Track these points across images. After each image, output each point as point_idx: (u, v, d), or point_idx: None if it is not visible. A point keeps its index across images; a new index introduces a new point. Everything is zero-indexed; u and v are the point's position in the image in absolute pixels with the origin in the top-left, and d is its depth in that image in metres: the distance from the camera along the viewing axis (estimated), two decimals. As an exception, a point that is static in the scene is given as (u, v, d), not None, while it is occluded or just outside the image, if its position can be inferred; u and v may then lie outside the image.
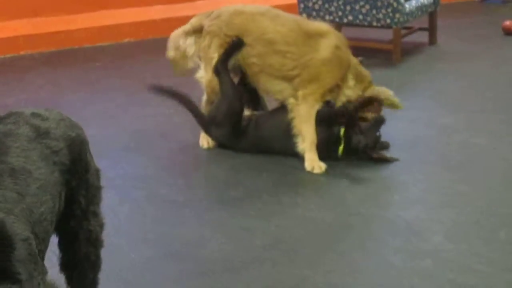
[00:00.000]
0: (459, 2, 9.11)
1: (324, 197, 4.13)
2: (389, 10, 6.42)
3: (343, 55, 4.58)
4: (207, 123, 4.76)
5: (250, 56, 4.63)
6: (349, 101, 4.58)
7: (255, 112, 4.75)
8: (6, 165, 2.15)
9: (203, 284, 3.25)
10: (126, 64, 6.87)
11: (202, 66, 4.81)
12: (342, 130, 4.48)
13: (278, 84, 4.62)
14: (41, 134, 2.32)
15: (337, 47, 4.56)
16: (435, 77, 6.23)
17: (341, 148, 4.48)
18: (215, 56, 4.67)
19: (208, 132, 4.78)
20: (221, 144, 4.76)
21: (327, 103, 4.59)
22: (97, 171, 2.55)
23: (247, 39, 4.62)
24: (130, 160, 4.64)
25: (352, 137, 4.44)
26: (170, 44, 4.91)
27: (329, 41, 4.56)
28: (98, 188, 2.55)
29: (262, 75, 4.64)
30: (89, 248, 2.49)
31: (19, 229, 2.04)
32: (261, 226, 3.77)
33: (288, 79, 4.58)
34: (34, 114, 2.39)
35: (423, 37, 7.25)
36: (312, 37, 4.57)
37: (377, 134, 4.52)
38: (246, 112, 4.71)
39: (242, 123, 4.66)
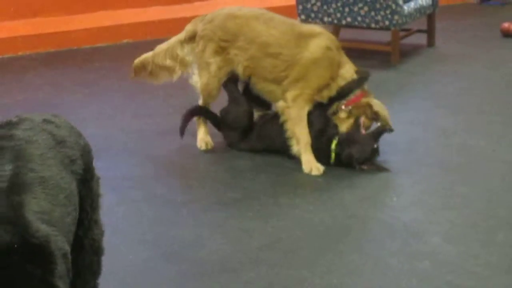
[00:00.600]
0: (457, 4, 9.11)
1: (322, 198, 4.13)
2: (388, 12, 6.43)
3: (333, 56, 4.55)
4: (218, 123, 4.84)
5: (243, 59, 4.63)
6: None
7: (267, 112, 4.79)
8: (35, 173, 2.09)
9: (200, 285, 3.25)
10: (125, 65, 6.82)
11: (197, 71, 4.81)
12: (334, 143, 4.47)
13: (269, 86, 4.64)
14: (59, 143, 2.27)
15: (327, 48, 4.54)
16: (433, 79, 6.23)
17: (332, 158, 4.47)
18: (211, 61, 4.68)
19: (220, 131, 4.85)
20: (229, 144, 4.81)
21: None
22: (98, 178, 2.52)
23: (240, 43, 4.63)
24: (128, 160, 4.64)
25: (344, 150, 4.43)
26: (165, 53, 4.91)
27: (320, 41, 4.55)
28: (99, 196, 2.52)
29: (255, 77, 4.65)
30: (93, 257, 2.47)
31: (60, 243, 2.01)
32: (259, 227, 3.77)
33: (279, 80, 4.58)
34: (46, 121, 2.33)
35: (422, 39, 7.25)
36: (304, 37, 4.57)
37: (375, 146, 4.43)
38: (256, 114, 4.76)
39: (251, 126, 4.73)
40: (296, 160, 4.50)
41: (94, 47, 7.45)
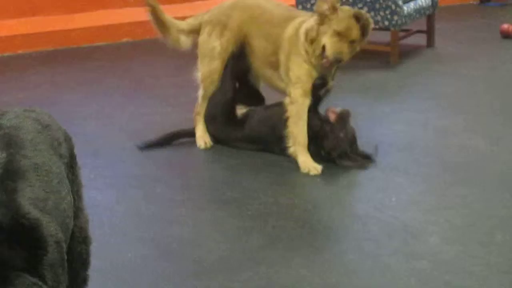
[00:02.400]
0: (457, 5, 9.12)
1: (321, 198, 4.13)
2: (387, 12, 6.43)
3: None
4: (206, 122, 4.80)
5: (247, 36, 4.66)
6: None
7: (253, 108, 4.76)
8: (29, 160, 2.09)
9: (199, 284, 3.25)
10: (124, 64, 6.87)
11: (199, 60, 4.78)
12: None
13: (266, 71, 4.66)
14: (45, 127, 2.28)
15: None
16: (433, 80, 6.24)
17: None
18: (216, 44, 4.68)
19: (207, 129, 4.81)
20: (218, 141, 4.78)
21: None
22: (80, 167, 2.53)
23: (245, 17, 4.65)
24: (127, 159, 4.64)
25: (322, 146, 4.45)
26: (174, 26, 4.88)
27: (294, 23, 4.54)
28: (82, 185, 2.53)
29: (253, 58, 4.68)
30: (82, 246, 2.45)
31: (53, 229, 1.99)
32: (258, 226, 3.77)
33: (273, 66, 4.59)
34: (27, 110, 2.36)
35: (421, 39, 7.26)
36: (287, 20, 4.58)
37: (341, 134, 4.41)
38: (243, 109, 4.73)
39: (237, 116, 4.70)
40: (294, 159, 4.50)
41: (93, 46, 7.45)
